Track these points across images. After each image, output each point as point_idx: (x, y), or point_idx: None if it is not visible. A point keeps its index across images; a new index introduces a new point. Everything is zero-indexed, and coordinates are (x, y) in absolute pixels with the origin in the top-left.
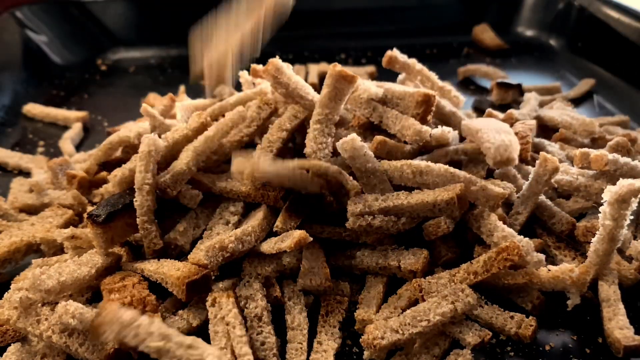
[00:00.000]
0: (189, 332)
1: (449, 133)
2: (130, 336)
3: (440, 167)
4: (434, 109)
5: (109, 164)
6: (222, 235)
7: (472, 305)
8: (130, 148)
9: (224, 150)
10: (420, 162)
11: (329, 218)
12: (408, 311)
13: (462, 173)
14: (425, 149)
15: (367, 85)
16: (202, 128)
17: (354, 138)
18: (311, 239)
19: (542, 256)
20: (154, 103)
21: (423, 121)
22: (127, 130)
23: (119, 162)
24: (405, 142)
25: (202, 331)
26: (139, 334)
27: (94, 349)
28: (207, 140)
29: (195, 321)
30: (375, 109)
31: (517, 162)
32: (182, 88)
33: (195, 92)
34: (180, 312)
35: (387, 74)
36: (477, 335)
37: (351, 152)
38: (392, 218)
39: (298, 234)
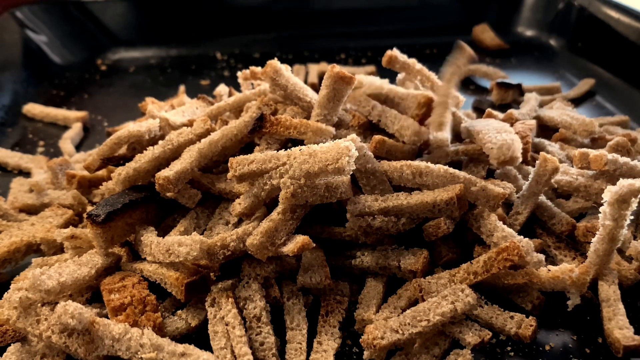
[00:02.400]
0: (188, 332)
1: (447, 134)
2: (122, 349)
3: (440, 167)
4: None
5: (111, 160)
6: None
7: (472, 305)
8: (137, 144)
9: (224, 150)
10: (420, 163)
11: (329, 218)
12: (408, 311)
13: (462, 174)
14: (426, 148)
15: (371, 79)
16: (207, 134)
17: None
18: (314, 244)
19: (542, 256)
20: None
21: (421, 123)
22: (138, 125)
23: (121, 159)
24: (404, 142)
25: (200, 331)
26: (130, 346)
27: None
28: (211, 144)
29: (194, 321)
30: (375, 107)
31: (520, 160)
32: (182, 88)
33: (195, 91)
34: (178, 312)
35: (387, 74)
36: (477, 335)
37: None
38: (392, 219)
39: (301, 239)
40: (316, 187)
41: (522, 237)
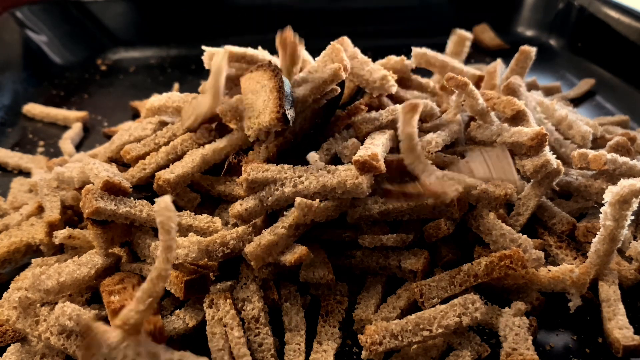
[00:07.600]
0: (185, 332)
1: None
2: (118, 358)
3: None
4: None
5: (117, 161)
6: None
7: (480, 320)
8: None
9: (226, 156)
10: None
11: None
12: (412, 317)
13: (462, 177)
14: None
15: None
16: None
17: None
18: (312, 255)
19: (541, 253)
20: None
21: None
22: (140, 129)
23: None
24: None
25: (198, 332)
26: (127, 355)
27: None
28: (215, 152)
29: (192, 322)
30: None
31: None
32: (176, 86)
33: (195, 92)
34: (177, 312)
35: None
36: (475, 351)
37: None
38: (403, 236)
39: (300, 250)
40: (327, 209)
41: (520, 234)
